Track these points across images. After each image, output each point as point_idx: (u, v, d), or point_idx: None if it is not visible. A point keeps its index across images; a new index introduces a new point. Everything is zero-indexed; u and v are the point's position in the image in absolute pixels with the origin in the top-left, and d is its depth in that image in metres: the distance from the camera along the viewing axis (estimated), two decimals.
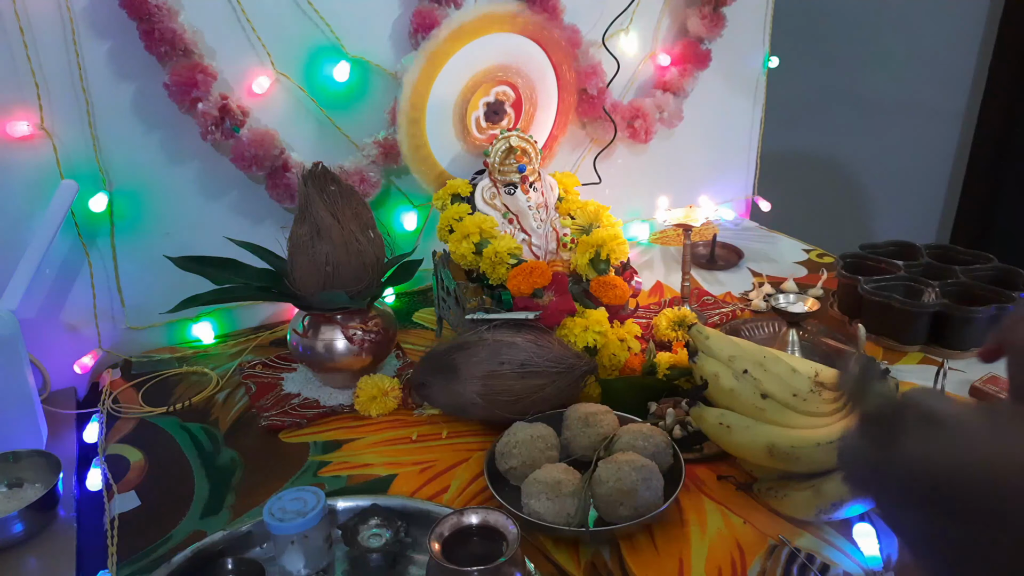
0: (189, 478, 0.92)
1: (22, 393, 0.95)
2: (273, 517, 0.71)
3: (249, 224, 1.24)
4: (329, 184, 1.00)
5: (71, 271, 1.13)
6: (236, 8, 1.13)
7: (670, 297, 1.35)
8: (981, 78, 2.09)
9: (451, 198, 1.16)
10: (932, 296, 1.14)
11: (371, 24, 1.23)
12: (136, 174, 1.14)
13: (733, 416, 0.83)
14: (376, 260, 1.04)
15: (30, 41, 1.01)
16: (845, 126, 2.29)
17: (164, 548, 0.81)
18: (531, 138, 1.14)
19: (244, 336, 1.25)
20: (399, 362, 1.15)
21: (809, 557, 0.77)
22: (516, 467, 0.85)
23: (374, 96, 1.26)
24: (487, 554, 0.64)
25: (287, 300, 1.06)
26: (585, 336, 0.99)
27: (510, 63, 1.18)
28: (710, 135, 1.65)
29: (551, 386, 0.93)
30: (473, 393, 0.93)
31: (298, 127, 1.22)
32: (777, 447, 0.79)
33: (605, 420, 0.89)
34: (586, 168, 1.51)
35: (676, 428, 0.93)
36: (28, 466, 0.90)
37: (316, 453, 0.96)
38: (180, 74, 1.07)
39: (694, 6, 1.48)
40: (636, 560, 0.78)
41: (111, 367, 1.17)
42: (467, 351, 0.95)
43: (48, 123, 1.05)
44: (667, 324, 1.16)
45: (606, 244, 1.08)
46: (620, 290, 1.07)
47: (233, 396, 1.09)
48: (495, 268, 1.06)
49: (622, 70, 1.47)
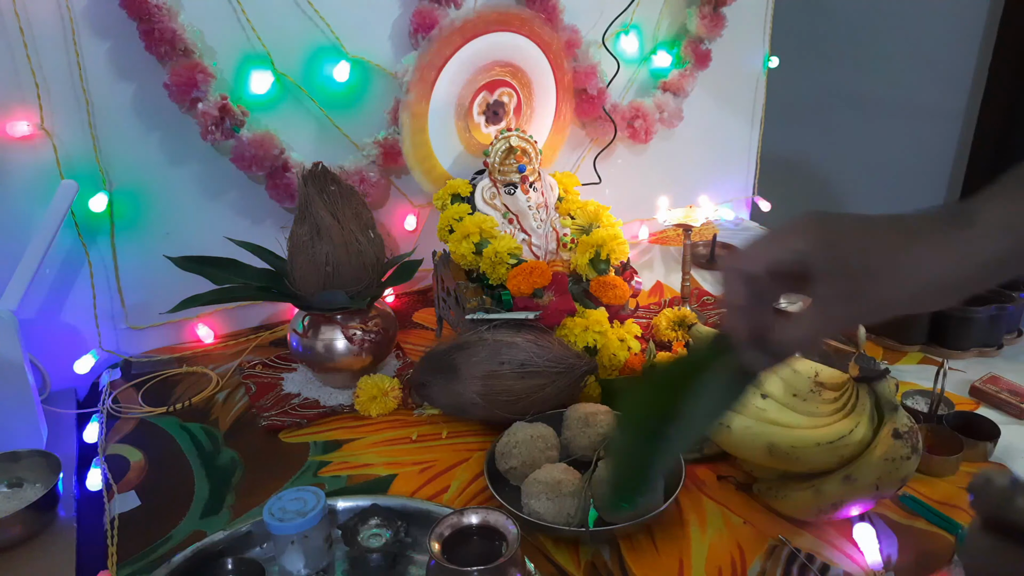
0: (189, 478, 0.92)
1: (22, 393, 0.95)
2: (273, 517, 0.71)
3: (249, 224, 1.24)
4: (329, 184, 1.00)
5: (71, 271, 1.13)
6: (236, 8, 1.13)
7: (670, 297, 1.35)
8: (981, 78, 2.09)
9: (451, 198, 1.16)
10: None
11: (371, 24, 1.23)
12: (136, 174, 1.14)
13: (733, 416, 0.83)
14: (376, 260, 1.04)
15: (30, 41, 1.01)
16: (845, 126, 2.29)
17: (164, 548, 0.81)
18: (531, 138, 1.14)
19: (244, 336, 1.25)
20: (399, 362, 1.15)
21: (809, 557, 0.77)
22: (516, 467, 0.85)
23: (374, 96, 1.26)
24: (487, 554, 0.64)
25: (287, 300, 1.06)
26: (585, 336, 0.99)
27: (510, 63, 1.18)
28: (710, 135, 1.65)
29: (551, 386, 0.93)
30: (473, 393, 0.93)
31: (298, 127, 1.22)
32: (777, 447, 0.79)
33: (605, 420, 0.89)
34: (586, 168, 1.51)
35: None
36: (28, 466, 0.89)
37: (316, 453, 0.96)
38: (180, 74, 1.07)
39: (694, 6, 1.48)
40: (636, 560, 0.78)
41: (111, 367, 1.17)
42: (467, 351, 0.95)
43: (48, 123, 1.05)
44: (667, 324, 1.16)
45: (606, 244, 1.08)
46: (620, 290, 1.07)
47: (233, 396, 1.09)
48: (495, 268, 1.06)
49: (622, 70, 1.47)
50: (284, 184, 1.19)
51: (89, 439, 1.02)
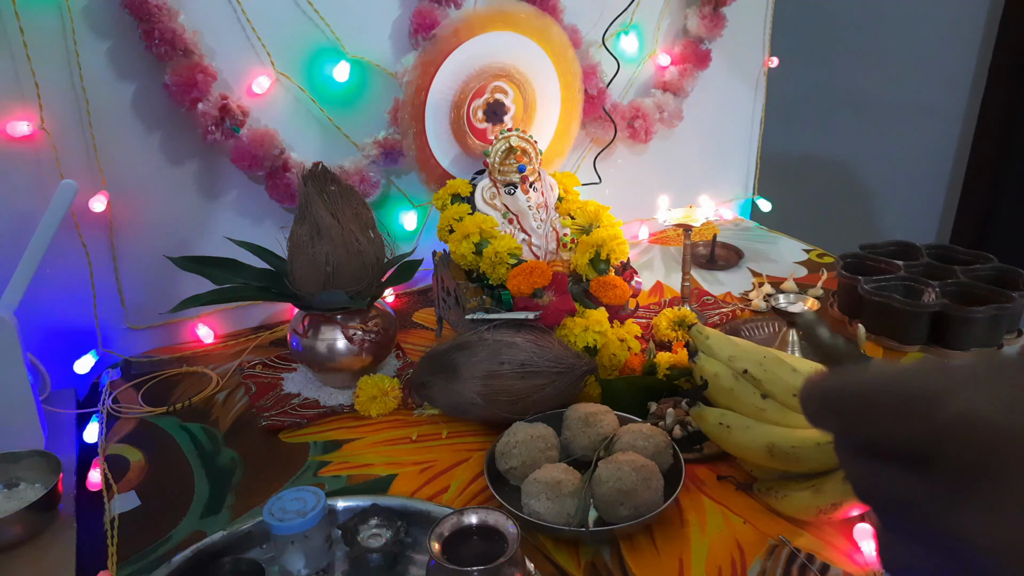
0: (189, 478, 0.92)
1: (22, 393, 0.94)
2: (273, 517, 0.71)
3: (249, 224, 1.24)
4: (329, 184, 1.00)
5: (71, 271, 1.13)
6: (236, 8, 1.13)
7: (670, 297, 1.35)
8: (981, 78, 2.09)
9: (451, 198, 1.16)
10: (932, 296, 1.14)
11: (371, 24, 1.23)
12: (136, 174, 1.14)
13: (733, 416, 0.83)
14: (376, 260, 1.03)
15: (30, 41, 1.01)
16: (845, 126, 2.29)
17: (164, 548, 0.81)
18: (531, 138, 1.14)
19: (244, 336, 1.25)
20: (399, 362, 1.15)
21: (809, 557, 0.77)
22: (516, 467, 0.85)
23: (374, 96, 1.26)
24: (487, 554, 0.64)
25: (287, 300, 1.06)
26: (585, 336, 0.99)
27: (510, 63, 1.18)
28: (710, 135, 1.65)
29: (551, 386, 0.93)
30: (473, 393, 0.93)
31: (298, 127, 1.22)
32: (777, 447, 0.79)
33: (605, 420, 0.89)
34: (586, 168, 1.51)
35: (676, 428, 0.93)
36: (28, 466, 0.89)
37: (316, 453, 0.96)
38: (180, 74, 1.07)
39: (694, 6, 1.48)
40: (636, 560, 0.78)
41: (111, 367, 1.17)
42: (467, 351, 0.95)
43: (48, 123, 1.05)
44: (667, 324, 1.16)
45: (606, 244, 1.08)
46: (620, 290, 1.07)
47: (233, 396, 1.09)
48: (495, 268, 1.06)
49: (622, 70, 1.47)
50: (284, 184, 1.19)
51: (89, 439, 1.02)
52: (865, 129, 2.26)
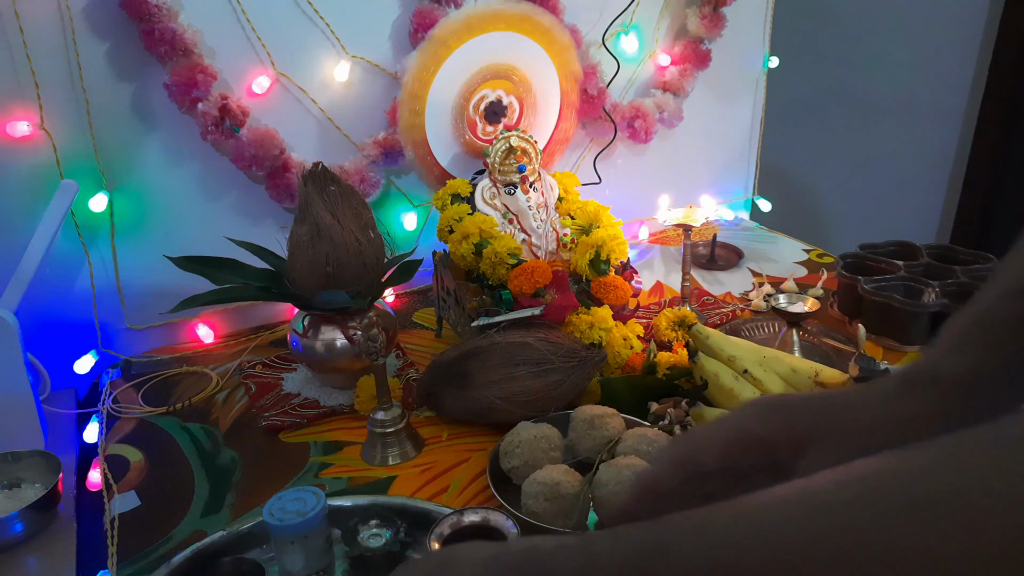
0: (189, 478, 0.92)
1: (22, 393, 0.94)
2: (273, 517, 0.71)
3: (249, 224, 1.24)
4: (329, 184, 1.00)
5: (71, 271, 1.13)
6: (236, 8, 1.13)
7: (670, 297, 1.35)
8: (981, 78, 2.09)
9: (451, 198, 1.16)
10: (932, 296, 1.14)
11: (371, 24, 1.23)
12: (136, 174, 1.14)
13: None
14: (376, 260, 1.03)
15: (29, 41, 1.01)
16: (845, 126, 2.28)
17: (164, 548, 0.81)
18: (531, 138, 1.14)
19: (244, 336, 1.25)
20: (399, 362, 1.15)
21: None
22: (518, 467, 0.85)
23: (374, 96, 1.26)
24: None
25: (287, 300, 1.06)
26: (591, 333, 1.00)
27: (510, 63, 1.18)
28: (710, 135, 1.65)
29: (568, 381, 0.93)
30: (492, 397, 0.93)
31: (298, 127, 1.22)
32: None
33: (612, 423, 0.89)
34: (586, 168, 1.51)
35: (676, 428, 0.93)
36: (28, 466, 0.89)
37: (317, 455, 0.96)
38: (180, 74, 1.07)
39: (694, 6, 1.48)
40: None
41: (111, 367, 1.17)
42: (479, 358, 0.95)
43: (48, 123, 1.05)
44: (667, 324, 1.15)
45: (606, 244, 1.08)
46: (621, 291, 1.07)
47: (233, 396, 1.09)
48: (495, 268, 1.06)
49: (622, 70, 1.47)
50: (284, 184, 1.19)
51: (89, 439, 1.02)
52: (865, 129, 2.26)
